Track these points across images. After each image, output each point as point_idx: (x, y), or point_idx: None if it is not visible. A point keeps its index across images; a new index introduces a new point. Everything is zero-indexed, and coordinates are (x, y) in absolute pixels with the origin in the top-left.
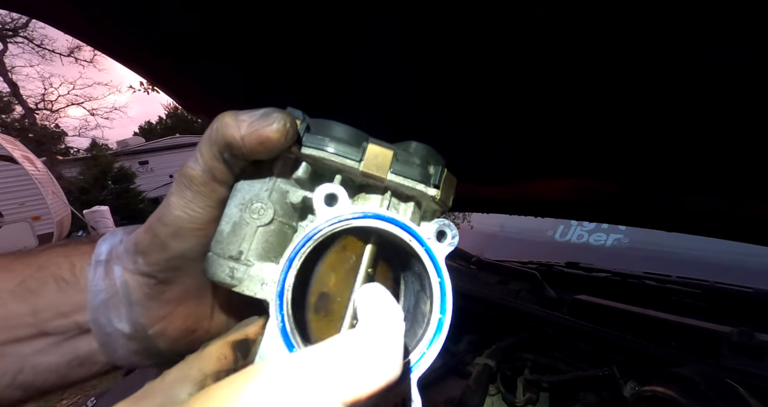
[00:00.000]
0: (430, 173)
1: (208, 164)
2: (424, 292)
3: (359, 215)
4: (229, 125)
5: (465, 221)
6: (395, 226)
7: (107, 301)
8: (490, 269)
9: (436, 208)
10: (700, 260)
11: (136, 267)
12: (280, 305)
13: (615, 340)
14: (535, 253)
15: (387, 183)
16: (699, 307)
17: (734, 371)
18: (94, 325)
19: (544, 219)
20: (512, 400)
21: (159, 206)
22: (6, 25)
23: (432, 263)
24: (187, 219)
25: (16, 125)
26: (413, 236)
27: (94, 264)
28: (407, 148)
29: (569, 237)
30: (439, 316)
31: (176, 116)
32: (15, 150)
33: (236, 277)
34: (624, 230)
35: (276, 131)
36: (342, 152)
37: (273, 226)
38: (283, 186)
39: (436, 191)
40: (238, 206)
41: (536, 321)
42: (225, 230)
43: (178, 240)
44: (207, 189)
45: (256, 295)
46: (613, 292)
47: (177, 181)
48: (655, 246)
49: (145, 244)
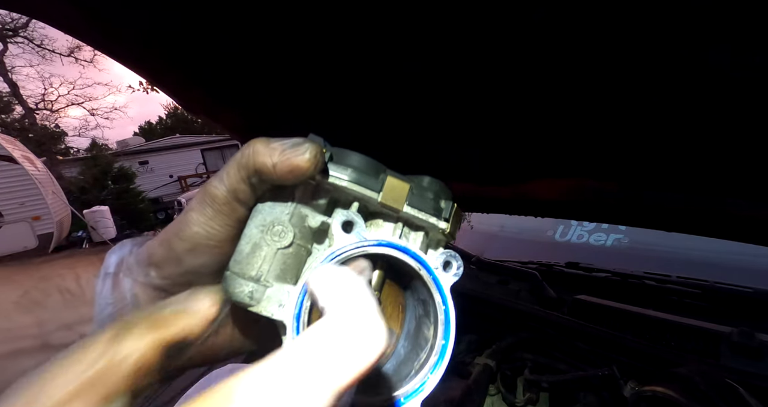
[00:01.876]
0: (441, 207)
1: (234, 185)
2: (428, 317)
3: (375, 243)
4: (261, 152)
5: (465, 221)
6: (407, 255)
7: (115, 314)
8: (490, 269)
9: (441, 238)
10: (700, 260)
11: (147, 280)
12: (297, 327)
13: (615, 340)
14: (535, 253)
15: (401, 214)
16: (699, 307)
17: (734, 371)
18: None
19: (544, 219)
20: (512, 400)
21: (174, 220)
22: (6, 25)
23: (438, 291)
24: (205, 236)
25: (16, 125)
26: (423, 266)
27: (102, 276)
28: (421, 182)
29: (569, 237)
30: (442, 342)
31: (176, 116)
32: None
33: (255, 298)
34: (624, 230)
35: (307, 161)
36: (363, 183)
37: (292, 249)
38: (303, 211)
39: (446, 224)
40: (258, 228)
41: (536, 321)
42: (245, 251)
43: (194, 256)
44: (228, 209)
45: (273, 316)
46: (613, 292)
47: (199, 198)
48: (655, 246)
49: (160, 257)
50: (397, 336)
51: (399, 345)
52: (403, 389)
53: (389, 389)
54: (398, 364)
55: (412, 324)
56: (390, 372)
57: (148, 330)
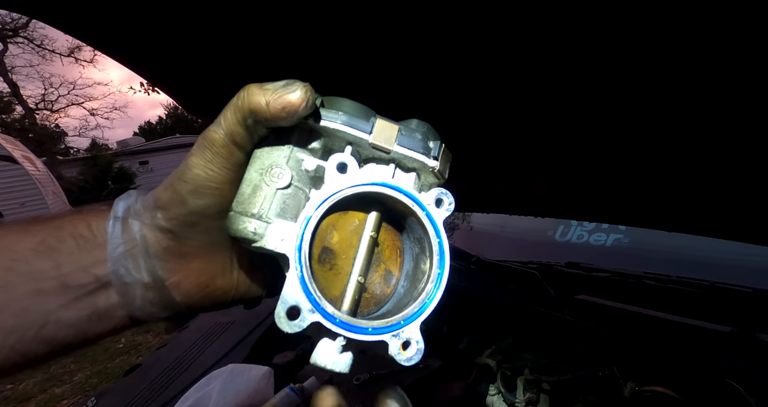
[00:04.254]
0: (430, 146)
1: (231, 128)
2: (424, 253)
3: (368, 182)
4: (255, 93)
5: (465, 222)
6: (399, 193)
7: (126, 253)
8: (490, 269)
9: (433, 180)
10: (700, 260)
11: (154, 222)
12: (299, 257)
13: (615, 340)
14: (535, 253)
15: (392, 154)
16: (699, 307)
17: (734, 371)
18: (114, 276)
19: (544, 219)
20: (512, 400)
21: (177, 167)
22: (6, 25)
23: (432, 225)
24: (205, 178)
25: (16, 125)
26: (415, 202)
27: (112, 220)
28: (410, 124)
29: (569, 237)
30: (437, 271)
31: (176, 116)
32: (15, 150)
33: (258, 233)
34: (624, 230)
35: (298, 98)
36: (354, 125)
37: (290, 190)
38: (299, 155)
39: (435, 162)
40: (258, 171)
41: (536, 321)
42: (246, 192)
43: (197, 197)
44: (226, 152)
45: (276, 249)
46: (613, 292)
47: (198, 142)
48: (655, 246)
49: (165, 200)
50: (396, 277)
51: (399, 285)
52: (402, 313)
53: (389, 314)
54: (398, 300)
55: (410, 265)
56: (391, 307)
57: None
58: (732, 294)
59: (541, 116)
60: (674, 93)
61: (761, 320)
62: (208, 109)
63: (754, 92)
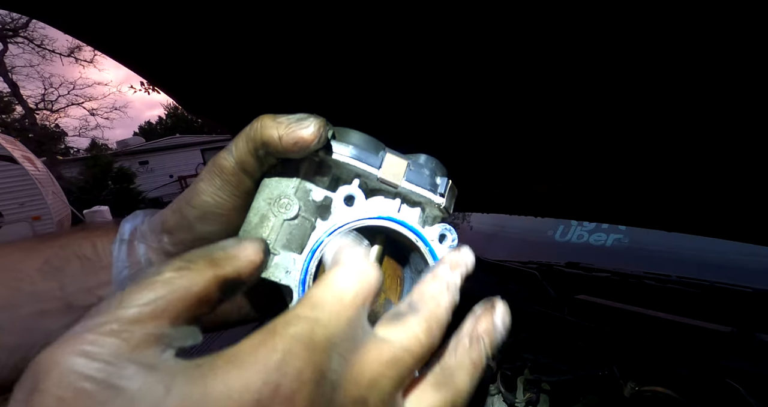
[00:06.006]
0: (437, 183)
1: (242, 157)
2: None
3: (374, 216)
4: (268, 125)
5: (465, 222)
6: (405, 228)
7: (131, 277)
8: (490, 269)
9: (438, 214)
10: (700, 260)
11: (160, 245)
12: (302, 291)
13: (615, 340)
14: (535, 253)
15: (400, 189)
16: (699, 307)
17: (734, 371)
18: None
19: (544, 219)
20: (512, 400)
21: (186, 190)
22: (6, 25)
23: (434, 261)
24: (213, 204)
25: (16, 125)
26: (419, 237)
27: (118, 243)
28: (418, 160)
29: (569, 237)
30: None
31: (176, 116)
32: (15, 150)
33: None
34: (624, 230)
35: (311, 133)
36: (363, 159)
37: (297, 221)
38: (307, 185)
39: (442, 199)
40: (266, 200)
41: (536, 321)
42: (253, 221)
43: (204, 223)
44: (236, 179)
45: (280, 281)
46: (613, 292)
47: (208, 168)
48: (655, 246)
49: (172, 224)
50: (395, 306)
51: None
52: None
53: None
54: None
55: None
56: None
57: (208, 267)
58: (732, 294)
59: (542, 116)
60: (674, 94)
61: (761, 320)
62: (208, 109)
63: (754, 93)
